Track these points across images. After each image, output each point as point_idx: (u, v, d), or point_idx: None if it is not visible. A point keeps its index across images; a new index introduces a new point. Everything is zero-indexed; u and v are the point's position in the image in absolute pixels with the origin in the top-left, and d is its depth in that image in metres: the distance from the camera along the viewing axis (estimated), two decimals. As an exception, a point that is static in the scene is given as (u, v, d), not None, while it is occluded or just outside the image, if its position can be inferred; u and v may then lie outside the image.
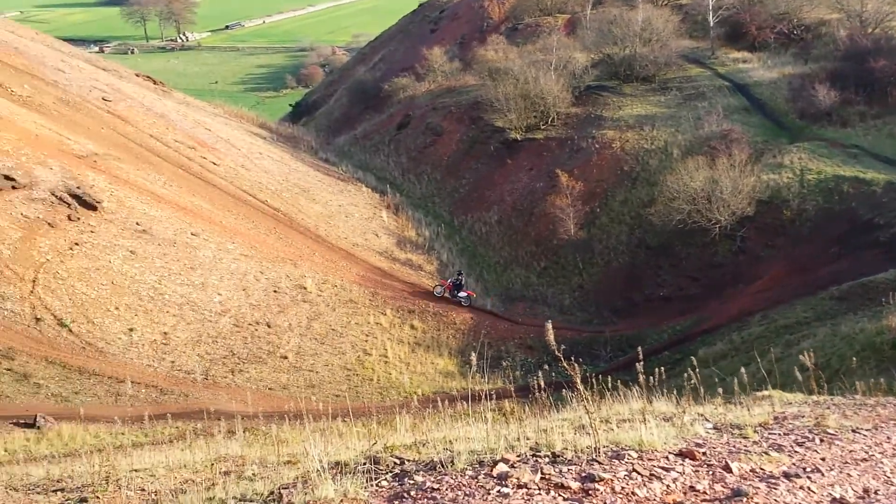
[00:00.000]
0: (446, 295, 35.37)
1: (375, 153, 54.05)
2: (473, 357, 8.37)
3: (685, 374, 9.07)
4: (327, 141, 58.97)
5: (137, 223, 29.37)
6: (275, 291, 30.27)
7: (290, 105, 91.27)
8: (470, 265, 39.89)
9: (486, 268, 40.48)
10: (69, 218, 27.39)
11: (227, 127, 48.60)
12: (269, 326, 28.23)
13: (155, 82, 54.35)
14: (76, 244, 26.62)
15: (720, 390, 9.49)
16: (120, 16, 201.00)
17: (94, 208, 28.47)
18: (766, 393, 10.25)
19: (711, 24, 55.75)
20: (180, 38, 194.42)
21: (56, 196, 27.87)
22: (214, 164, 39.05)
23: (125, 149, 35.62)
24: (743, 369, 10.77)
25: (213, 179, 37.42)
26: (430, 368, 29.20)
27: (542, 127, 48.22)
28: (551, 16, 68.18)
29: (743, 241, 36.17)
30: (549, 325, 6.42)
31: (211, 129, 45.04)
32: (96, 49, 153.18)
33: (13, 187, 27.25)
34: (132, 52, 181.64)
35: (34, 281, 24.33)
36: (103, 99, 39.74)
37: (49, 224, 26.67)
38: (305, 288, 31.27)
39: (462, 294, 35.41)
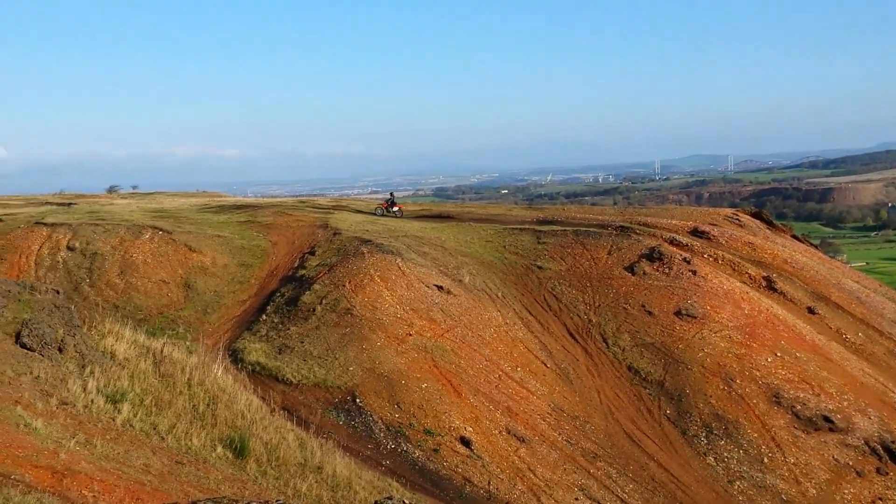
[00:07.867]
0: (384, 212, 47.28)
1: None
2: None
3: None
4: None
5: (953, 493, 27.51)
6: None
7: None
8: None
9: None
10: (877, 471, 27.51)
11: None
12: None
13: None
14: (879, 499, 26.50)
15: None
16: None
17: (905, 466, 27.99)
18: None
19: None
20: None
21: (869, 446, 28.40)
22: None
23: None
24: None
25: None
26: None
27: None
28: None
29: None
30: None
31: None
32: None
33: (830, 429, 28.94)
34: None
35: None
36: None
37: (857, 472, 27.26)
38: None
39: (395, 209, 47.34)
